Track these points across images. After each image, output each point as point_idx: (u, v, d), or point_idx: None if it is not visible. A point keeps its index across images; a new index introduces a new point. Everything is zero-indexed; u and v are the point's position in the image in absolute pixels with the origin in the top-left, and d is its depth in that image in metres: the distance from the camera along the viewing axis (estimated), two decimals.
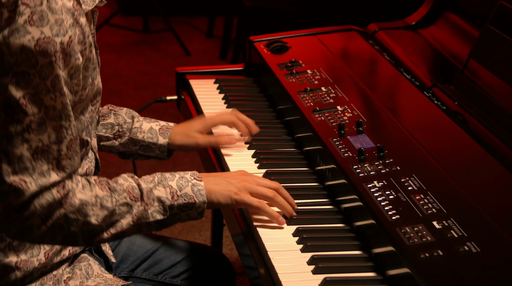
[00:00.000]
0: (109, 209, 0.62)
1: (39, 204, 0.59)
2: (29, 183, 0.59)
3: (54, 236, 0.61)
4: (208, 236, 1.39)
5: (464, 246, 0.59)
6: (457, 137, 0.75)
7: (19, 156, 0.58)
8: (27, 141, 0.58)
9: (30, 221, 0.60)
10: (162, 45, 2.37)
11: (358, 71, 0.93)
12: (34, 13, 0.56)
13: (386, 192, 0.67)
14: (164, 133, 0.80)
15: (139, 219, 0.63)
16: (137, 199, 0.63)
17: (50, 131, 0.58)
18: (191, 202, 0.65)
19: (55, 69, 0.57)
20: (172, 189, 0.65)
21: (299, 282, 0.61)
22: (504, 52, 0.78)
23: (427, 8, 1.01)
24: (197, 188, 0.66)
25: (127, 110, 0.82)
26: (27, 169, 0.58)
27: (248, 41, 1.04)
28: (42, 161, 0.59)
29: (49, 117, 0.58)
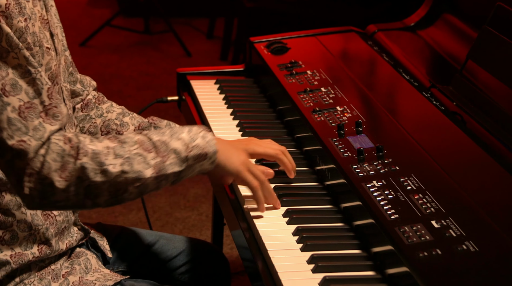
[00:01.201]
0: (123, 156, 0.61)
1: (50, 158, 0.58)
2: (28, 141, 0.58)
3: (77, 191, 0.60)
4: (209, 235, 1.39)
5: (462, 245, 0.59)
6: (455, 138, 0.75)
7: (7, 120, 0.58)
8: (8, 104, 0.58)
9: (48, 179, 0.59)
10: (163, 46, 2.37)
11: (357, 72, 0.93)
12: None
13: (385, 192, 0.67)
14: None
15: (159, 171, 0.62)
16: (150, 150, 0.62)
17: (25, 88, 0.58)
18: (204, 152, 0.65)
19: (3, 28, 0.58)
20: (184, 141, 0.64)
21: (299, 281, 0.62)
22: (502, 53, 0.79)
23: (425, 10, 1.02)
24: (207, 139, 0.65)
25: (167, 122, 0.80)
26: (20, 129, 0.58)
27: (249, 42, 1.04)
28: (31, 117, 0.58)
29: (19, 75, 0.58)
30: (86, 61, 2.25)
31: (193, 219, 1.47)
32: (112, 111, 0.80)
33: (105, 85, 2.13)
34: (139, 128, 0.79)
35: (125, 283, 0.72)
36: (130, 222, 1.43)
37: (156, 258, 0.80)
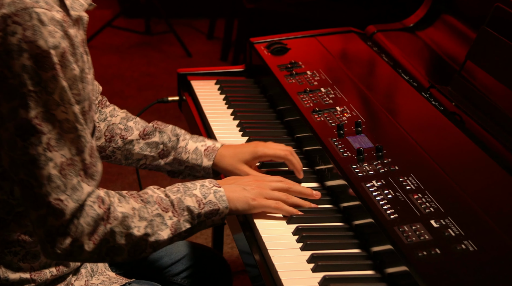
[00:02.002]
0: (147, 219, 0.63)
1: (85, 221, 0.59)
2: (66, 201, 0.58)
3: (100, 251, 0.61)
4: (209, 235, 1.39)
5: (461, 245, 0.59)
6: (454, 138, 0.75)
7: (47, 176, 0.57)
8: (51, 160, 0.57)
9: (79, 241, 0.60)
10: (164, 47, 2.37)
11: (357, 72, 0.93)
12: (26, 29, 0.55)
13: (384, 191, 0.67)
14: (209, 155, 0.78)
15: (176, 230, 0.64)
16: (167, 210, 0.64)
17: (69, 144, 0.58)
18: (215, 208, 0.66)
19: (59, 81, 0.57)
20: (197, 197, 0.66)
21: (299, 280, 0.62)
22: (501, 54, 0.79)
23: (424, 10, 1.02)
24: (219, 194, 0.67)
25: (172, 127, 0.80)
26: (59, 187, 0.58)
27: (249, 43, 1.05)
28: (71, 175, 0.58)
29: (65, 130, 0.58)
30: None
31: None
32: (115, 116, 0.80)
33: (106, 86, 2.13)
34: (144, 133, 0.79)
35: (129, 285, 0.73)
36: None
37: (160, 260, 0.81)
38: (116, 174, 1.66)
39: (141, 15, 2.48)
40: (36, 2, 0.56)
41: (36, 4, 0.56)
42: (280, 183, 0.71)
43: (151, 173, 1.65)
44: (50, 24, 0.57)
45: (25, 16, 0.56)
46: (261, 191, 0.70)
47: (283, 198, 0.70)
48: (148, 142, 0.79)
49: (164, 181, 1.62)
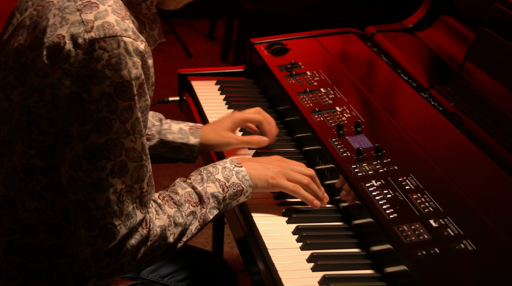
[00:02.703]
0: (181, 224, 0.64)
1: (130, 244, 0.60)
2: (119, 226, 0.59)
3: (139, 264, 0.62)
4: (210, 234, 1.39)
5: (460, 244, 0.60)
6: (453, 138, 0.76)
7: (106, 201, 0.58)
8: (112, 186, 0.58)
9: (122, 260, 0.61)
10: (165, 47, 2.37)
11: (356, 72, 0.94)
12: (112, 57, 0.55)
13: (384, 191, 0.68)
14: (194, 133, 0.79)
15: (204, 221, 0.65)
16: (197, 204, 0.65)
17: (132, 172, 0.59)
18: (239, 189, 0.67)
19: (135, 112, 0.57)
20: (220, 182, 0.66)
21: (298, 279, 0.62)
22: (499, 54, 0.79)
23: (424, 11, 1.02)
24: (241, 174, 0.67)
25: (153, 113, 0.81)
26: (115, 212, 0.59)
27: (249, 43, 1.05)
28: (127, 202, 0.59)
29: (130, 158, 0.58)
30: None
31: None
32: None
33: None
34: None
35: None
36: None
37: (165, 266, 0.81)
38: None
39: None
40: (125, 31, 0.56)
41: (125, 32, 0.56)
42: (303, 168, 0.71)
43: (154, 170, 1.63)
44: (135, 55, 0.57)
45: (113, 44, 0.56)
46: (282, 170, 0.70)
47: (304, 182, 0.70)
48: None
49: (165, 180, 1.62)
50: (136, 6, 0.61)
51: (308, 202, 0.71)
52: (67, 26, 0.56)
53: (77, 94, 0.56)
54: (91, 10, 0.57)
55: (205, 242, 1.40)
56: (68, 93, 0.56)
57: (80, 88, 0.56)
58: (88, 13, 0.56)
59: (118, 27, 0.56)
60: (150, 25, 0.62)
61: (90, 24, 0.56)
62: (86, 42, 0.56)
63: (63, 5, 0.57)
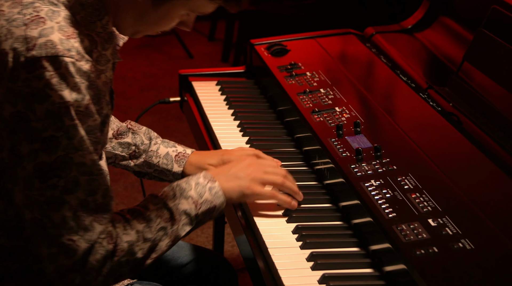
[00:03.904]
0: (150, 239, 0.63)
1: (95, 259, 0.60)
2: (78, 241, 0.58)
3: (107, 280, 0.62)
4: (210, 234, 1.39)
5: (458, 243, 0.60)
6: (451, 138, 0.76)
7: (62, 218, 0.58)
8: (66, 202, 0.57)
9: (88, 276, 0.60)
10: (166, 48, 2.38)
11: (355, 73, 0.94)
12: (53, 77, 0.54)
13: (383, 191, 0.68)
14: (179, 161, 0.78)
15: (175, 237, 0.65)
16: (168, 220, 0.64)
17: (84, 186, 0.58)
18: (212, 206, 0.66)
19: (79, 131, 0.57)
20: (193, 198, 0.66)
21: (298, 278, 0.63)
22: (497, 55, 0.80)
23: (422, 12, 1.02)
24: (214, 191, 0.67)
25: (145, 129, 0.81)
26: (72, 228, 0.58)
27: (249, 44, 1.05)
28: (84, 215, 0.59)
29: (81, 173, 0.58)
30: None
31: None
32: None
33: None
34: (117, 132, 0.79)
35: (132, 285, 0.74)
36: None
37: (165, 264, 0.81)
38: (118, 174, 1.66)
39: None
40: (67, 50, 0.55)
41: (68, 52, 0.55)
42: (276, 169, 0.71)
43: None
44: (77, 75, 0.56)
45: (55, 63, 0.55)
46: (255, 176, 0.69)
47: (279, 182, 0.70)
48: (121, 142, 0.80)
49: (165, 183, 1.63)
50: (91, 24, 0.59)
51: (286, 204, 0.70)
52: (11, 40, 0.55)
53: (22, 113, 0.55)
54: (37, 26, 0.55)
55: (206, 241, 1.41)
56: (14, 112, 0.56)
57: (25, 107, 0.55)
58: (33, 28, 0.55)
59: (61, 47, 0.55)
60: (103, 45, 0.61)
61: (33, 42, 0.55)
62: (28, 61, 0.54)
63: (12, 16, 0.56)
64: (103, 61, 0.62)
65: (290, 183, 0.71)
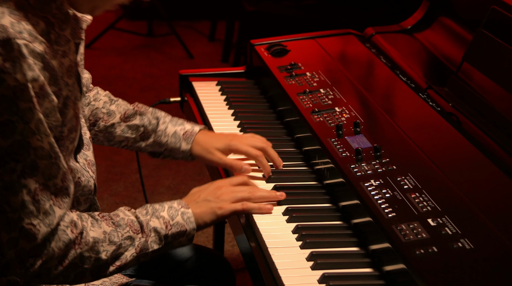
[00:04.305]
0: (116, 243, 0.63)
1: (57, 246, 0.60)
2: (38, 225, 0.58)
3: (68, 274, 0.62)
4: (211, 233, 1.39)
5: (458, 243, 0.60)
6: (451, 138, 0.76)
7: (21, 202, 0.58)
8: (25, 187, 0.58)
9: (49, 263, 0.60)
10: (166, 49, 2.38)
11: (355, 73, 0.94)
12: (6, 60, 0.55)
13: (382, 191, 0.68)
14: (187, 139, 0.79)
15: (141, 250, 0.65)
16: (138, 232, 0.65)
17: (43, 170, 0.58)
18: (182, 230, 0.67)
19: (36, 113, 0.57)
20: (165, 219, 0.66)
21: (298, 278, 0.63)
22: (497, 55, 0.80)
23: (422, 13, 1.03)
24: (186, 216, 0.67)
25: (152, 110, 0.81)
26: (32, 212, 0.58)
27: (249, 45, 1.06)
28: (43, 200, 0.59)
29: (39, 157, 0.58)
30: (91, 63, 2.26)
31: None
32: (99, 100, 0.81)
33: (109, 87, 2.14)
34: (125, 115, 0.79)
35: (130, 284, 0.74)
36: None
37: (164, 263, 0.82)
38: (119, 174, 1.67)
39: (144, 18, 2.49)
40: (19, 33, 0.56)
41: (19, 35, 0.56)
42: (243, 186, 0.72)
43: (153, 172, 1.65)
44: (30, 57, 0.56)
45: (6, 47, 0.55)
46: (224, 197, 0.70)
47: (247, 196, 0.71)
48: (129, 124, 0.80)
49: (166, 180, 1.63)
50: (45, 6, 0.59)
51: (260, 212, 0.71)
52: None
53: None
54: None
55: (206, 241, 1.41)
56: None
57: None
58: None
59: (12, 30, 0.55)
60: (60, 25, 0.60)
61: None
62: None
63: None
64: (63, 41, 0.61)
65: (259, 193, 0.72)
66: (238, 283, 1.23)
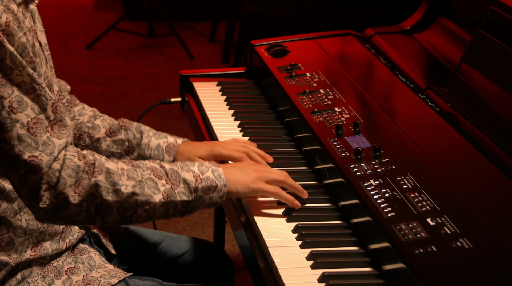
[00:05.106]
0: (135, 179, 0.63)
1: (66, 173, 0.60)
2: (40, 156, 0.60)
3: (88, 207, 0.61)
4: (211, 233, 1.41)
5: (456, 242, 0.60)
6: (450, 138, 0.76)
7: (17, 136, 0.59)
8: (17, 121, 0.59)
9: (63, 194, 0.60)
10: (167, 49, 2.39)
11: (355, 74, 0.95)
12: None
13: (382, 190, 0.68)
14: (170, 152, 0.80)
15: (169, 197, 0.64)
16: (161, 177, 0.64)
17: (31, 104, 0.60)
18: (213, 184, 0.66)
19: (6, 47, 0.58)
20: (195, 173, 0.66)
21: (298, 277, 0.63)
22: (495, 56, 0.80)
23: (421, 14, 1.03)
24: (217, 173, 0.67)
25: (137, 124, 0.82)
26: (31, 145, 0.59)
27: (249, 45, 1.06)
28: (39, 132, 0.60)
29: (24, 91, 0.59)
30: (92, 63, 2.26)
31: (196, 217, 1.48)
32: (84, 114, 0.82)
33: (110, 87, 2.16)
34: (110, 131, 0.80)
35: (129, 280, 0.73)
36: None
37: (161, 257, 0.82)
38: None
39: (145, 19, 2.49)
40: None
41: None
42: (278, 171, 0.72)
43: None
44: None
45: None
46: (260, 175, 0.70)
47: (282, 179, 0.71)
48: (115, 139, 0.81)
49: None
50: None
51: (289, 203, 0.71)
52: None
53: None
54: None
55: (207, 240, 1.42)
56: None
57: None
58: None
59: None
60: None
61: None
62: None
63: None
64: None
65: (292, 181, 0.72)
66: (238, 283, 1.24)
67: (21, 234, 0.68)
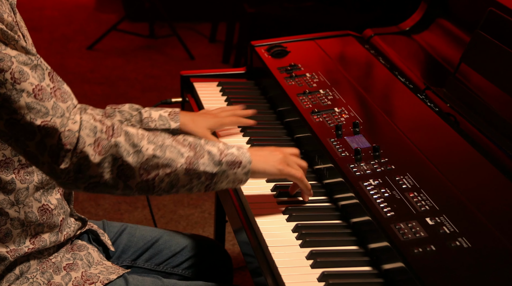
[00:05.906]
0: (156, 143, 0.62)
1: (84, 133, 0.60)
2: (52, 119, 0.60)
3: (111, 169, 0.61)
4: (212, 232, 1.41)
5: (455, 242, 0.61)
6: (449, 138, 0.77)
7: (25, 105, 0.59)
8: (22, 91, 0.59)
9: (83, 152, 0.60)
10: (167, 50, 2.39)
11: (354, 74, 0.95)
12: None
13: (381, 190, 0.69)
14: (174, 118, 0.81)
15: (191, 164, 0.63)
16: (184, 145, 0.64)
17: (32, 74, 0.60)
18: (237, 160, 0.66)
19: None
20: (219, 147, 0.66)
21: (298, 276, 0.63)
22: (494, 56, 0.80)
23: (420, 14, 1.03)
24: (241, 150, 0.67)
25: (129, 105, 0.83)
26: (40, 111, 0.60)
27: (250, 46, 1.06)
28: (45, 98, 0.60)
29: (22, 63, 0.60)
30: (93, 64, 2.27)
31: (196, 216, 1.49)
32: None
33: (111, 88, 2.16)
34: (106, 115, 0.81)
35: (128, 276, 0.73)
36: (136, 219, 1.44)
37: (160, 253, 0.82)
38: None
39: (145, 19, 2.50)
40: None
41: None
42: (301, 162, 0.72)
43: None
44: None
45: None
46: (284, 158, 0.70)
47: (304, 166, 0.72)
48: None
49: None
50: None
51: (307, 191, 0.72)
52: None
53: None
54: None
55: None
56: None
57: None
58: None
59: None
60: None
61: None
62: None
63: None
64: None
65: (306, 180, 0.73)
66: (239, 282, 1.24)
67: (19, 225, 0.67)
